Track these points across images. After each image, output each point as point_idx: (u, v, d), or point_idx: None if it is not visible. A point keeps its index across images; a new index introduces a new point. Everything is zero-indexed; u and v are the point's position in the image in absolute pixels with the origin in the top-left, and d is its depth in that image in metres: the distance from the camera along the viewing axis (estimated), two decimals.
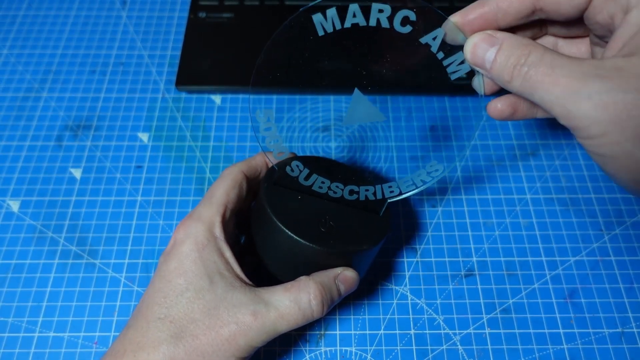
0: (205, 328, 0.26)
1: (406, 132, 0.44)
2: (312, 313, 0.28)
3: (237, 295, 0.27)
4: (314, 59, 0.28)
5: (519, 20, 0.25)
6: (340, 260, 0.30)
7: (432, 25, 0.24)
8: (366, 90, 0.27)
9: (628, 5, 0.22)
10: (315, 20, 0.25)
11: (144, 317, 0.27)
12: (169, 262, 0.28)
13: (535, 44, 0.23)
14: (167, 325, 0.26)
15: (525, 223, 0.39)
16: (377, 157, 0.42)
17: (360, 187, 0.30)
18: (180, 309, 0.27)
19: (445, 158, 0.42)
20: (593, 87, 0.20)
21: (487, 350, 0.34)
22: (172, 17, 0.51)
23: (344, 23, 0.25)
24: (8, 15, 0.52)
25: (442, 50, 0.25)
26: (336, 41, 0.26)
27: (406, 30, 0.25)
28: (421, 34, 0.25)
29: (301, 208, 0.30)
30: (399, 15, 0.24)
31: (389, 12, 0.24)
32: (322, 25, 0.25)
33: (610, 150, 0.21)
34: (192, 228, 0.29)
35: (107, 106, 0.45)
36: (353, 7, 0.24)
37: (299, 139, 0.43)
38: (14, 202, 0.40)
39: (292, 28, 0.26)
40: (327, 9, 0.24)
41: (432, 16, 0.24)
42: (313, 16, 0.25)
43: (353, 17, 0.24)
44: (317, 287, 0.28)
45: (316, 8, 0.25)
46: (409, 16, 0.24)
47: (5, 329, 0.34)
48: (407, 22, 0.24)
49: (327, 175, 0.30)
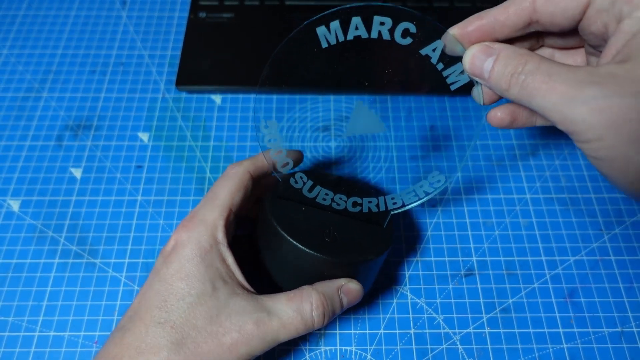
0: (207, 335, 0.26)
1: (406, 132, 0.44)
2: (313, 323, 0.27)
3: (239, 303, 0.27)
4: (318, 71, 0.29)
5: (516, 32, 0.26)
6: (344, 270, 0.30)
7: (432, 37, 0.25)
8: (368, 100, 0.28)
9: (621, 14, 0.22)
10: (319, 33, 0.25)
11: (142, 321, 0.26)
12: (169, 265, 0.27)
13: (531, 53, 0.24)
14: (168, 331, 0.26)
15: (525, 223, 0.39)
16: (377, 157, 0.42)
17: (364, 199, 0.30)
18: (181, 314, 0.26)
19: (446, 158, 0.42)
20: (589, 92, 0.21)
21: (486, 350, 0.34)
22: (172, 17, 0.51)
23: (347, 35, 0.25)
24: (8, 15, 0.52)
25: (441, 62, 0.26)
26: (339, 53, 0.26)
27: (407, 42, 0.25)
28: (421, 46, 0.25)
29: (305, 219, 0.30)
30: (400, 28, 0.25)
31: (390, 24, 0.25)
32: (325, 38, 0.25)
33: (607, 153, 0.22)
34: (194, 231, 0.28)
35: (107, 106, 0.45)
36: (355, 20, 0.25)
37: (299, 139, 0.43)
38: (14, 201, 0.40)
39: (296, 41, 0.26)
40: (331, 21, 0.25)
41: (431, 28, 0.25)
42: (317, 29, 0.25)
43: (355, 29, 0.25)
44: (320, 298, 0.28)
45: (320, 21, 0.25)
46: (409, 28, 0.25)
47: (6, 328, 0.34)
48: (407, 34, 0.25)
49: (331, 187, 0.30)
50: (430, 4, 0.51)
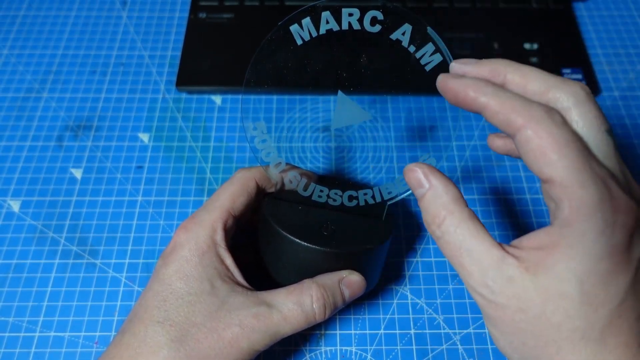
0: (207, 331, 0.26)
1: (406, 132, 0.44)
2: (314, 316, 0.27)
3: (239, 298, 0.27)
4: (298, 68, 0.30)
5: None
6: (344, 263, 0.29)
7: (399, 21, 0.25)
8: (349, 91, 0.28)
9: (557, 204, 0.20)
10: (292, 31, 0.26)
11: (142, 321, 0.26)
12: (168, 266, 0.27)
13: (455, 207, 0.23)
14: (167, 329, 0.25)
15: (525, 223, 0.39)
16: (377, 157, 0.42)
17: (359, 192, 0.30)
18: (180, 312, 0.26)
19: (445, 159, 0.42)
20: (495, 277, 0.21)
21: (487, 350, 0.34)
22: (172, 18, 0.51)
23: (319, 30, 0.26)
24: (8, 16, 0.52)
25: (412, 44, 0.26)
26: (315, 48, 0.27)
27: (376, 30, 0.26)
28: (390, 32, 0.26)
29: (303, 217, 0.30)
30: (368, 16, 0.25)
31: (358, 14, 0.25)
32: (299, 35, 0.26)
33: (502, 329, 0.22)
34: (192, 232, 0.28)
35: (107, 106, 0.45)
36: (325, 14, 0.25)
37: (299, 139, 0.43)
38: (14, 202, 0.40)
39: (273, 41, 0.27)
40: (303, 19, 0.26)
41: (396, 12, 0.25)
42: (290, 27, 0.26)
43: (326, 23, 0.26)
44: (320, 290, 0.28)
45: (292, 19, 0.26)
46: (376, 16, 0.25)
47: (6, 329, 0.34)
48: (376, 22, 0.25)
49: (325, 183, 0.31)
50: (429, 4, 0.51)
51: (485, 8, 0.51)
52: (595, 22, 0.51)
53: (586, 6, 0.53)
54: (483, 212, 0.39)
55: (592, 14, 0.52)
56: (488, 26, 0.49)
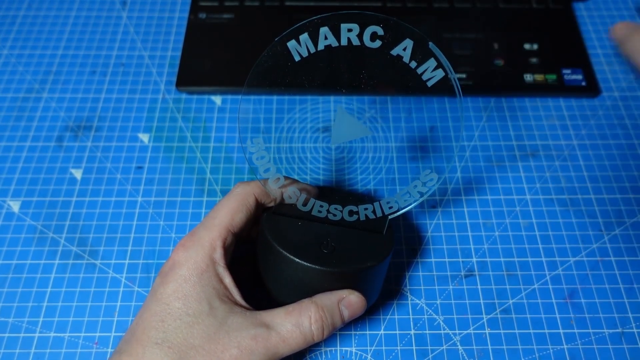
0: (206, 354, 0.25)
1: (406, 132, 0.44)
2: (312, 337, 0.27)
3: (237, 319, 0.26)
4: (295, 84, 0.29)
5: None
6: (344, 282, 0.29)
7: (400, 37, 0.25)
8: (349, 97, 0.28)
9: None
10: (290, 47, 0.26)
11: (139, 342, 0.26)
12: (166, 285, 0.27)
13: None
14: (166, 352, 0.25)
15: (525, 224, 0.39)
16: (377, 157, 0.42)
17: (359, 207, 0.30)
18: (178, 334, 0.26)
19: (446, 159, 0.42)
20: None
21: (487, 351, 0.34)
22: (172, 18, 0.51)
23: (317, 46, 0.26)
24: (8, 16, 0.52)
25: (414, 60, 0.26)
26: (313, 64, 0.27)
27: (376, 45, 0.25)
28: (391, 47, 0.25)
29: (302, 233, 0.30)
30: (368, 32, 0.25)
31: (358, 30, 0.25)
32: (297, 51, 0.26)
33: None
34: (191, 250, 0.28)
35: (107, 107, 0.45)
36: (323, 29, 0.25)
37: (299, 139, 0.43)
38: (14, 202, 0.40)
39: (271, 57, 0.26)
40: (300, 34, 0.25)
41: (398, 28, 0.25)
42: (288, 43, 0.25)
43: (325, 39, 0.25)
44: (318, 311, 0.27)
45: (289, 35, 0.25)
46: (376, 31, 0.25)
47: (6, 329, 0.34)
48: (376, 37, 0.25)
49: (325, 198, 0.30)
50: (429, 4, 0.51)
51: (485, 8, 0.51)
52: (595, 22, 0.51)
53: (586, 6, 0.53)
54: (483, 213, 0.39)
55: (592, 14, 0.52)
56: (488, 26, 0.49)
